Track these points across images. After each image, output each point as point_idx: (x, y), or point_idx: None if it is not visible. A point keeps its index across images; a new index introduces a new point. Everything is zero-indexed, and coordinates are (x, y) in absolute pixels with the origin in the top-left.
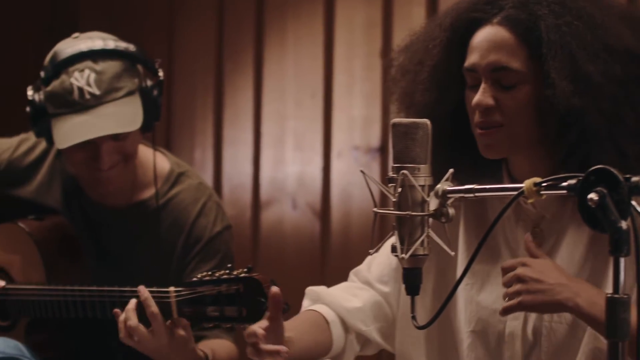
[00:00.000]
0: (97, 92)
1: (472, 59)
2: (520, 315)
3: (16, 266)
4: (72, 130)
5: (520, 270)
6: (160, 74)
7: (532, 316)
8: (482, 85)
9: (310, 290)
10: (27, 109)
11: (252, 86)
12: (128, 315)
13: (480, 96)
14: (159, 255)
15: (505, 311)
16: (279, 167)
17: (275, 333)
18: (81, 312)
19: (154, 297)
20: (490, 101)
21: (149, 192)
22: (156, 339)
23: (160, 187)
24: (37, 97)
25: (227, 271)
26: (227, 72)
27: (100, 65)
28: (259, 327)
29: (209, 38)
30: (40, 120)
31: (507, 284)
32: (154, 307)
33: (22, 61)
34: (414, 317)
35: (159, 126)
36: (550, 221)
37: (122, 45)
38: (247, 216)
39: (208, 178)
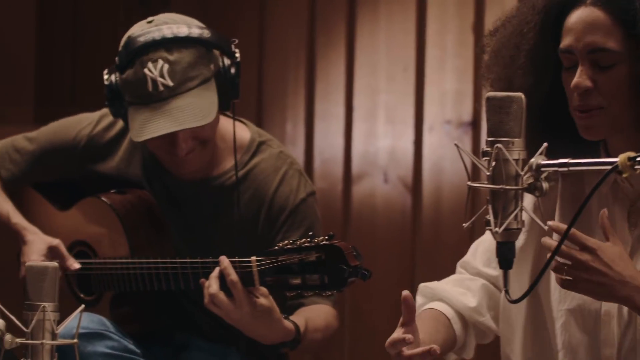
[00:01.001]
0: (170, 83)
1: (567, 40)
2: None
3: (100, 240)
4: (147, 124)
5: (586, 258)
6: (237, 54)
7: None
8: (580, 68)
9: (424, 287)
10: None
11: (344, 60)
12: (210, 282)
13: (579, 78)
14: (241, 227)
15: (562, 285)
16: (371, 140)
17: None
18: (165, 285)
19: (235, 267)
20: (588, 83)
21: (230, 164)
22: (238, 308)
23: (241, 158)
24: (112, 81)
25: (309, 239)
26: (320, 46)
27: (174, 55)
28: (399, 334)
29: (302, 12)
30: (117, 103)
31: (572, 266)
32: (233, 276)
33: (113, 32)
34: (506, 292)
35: (250, 100)
36: None
37: (196, 31)
38: (339, 190)
39: (299, 152)
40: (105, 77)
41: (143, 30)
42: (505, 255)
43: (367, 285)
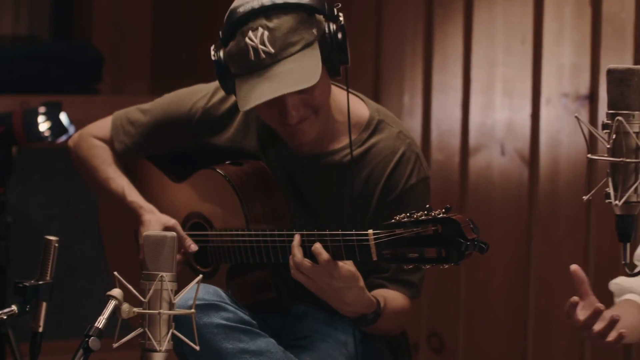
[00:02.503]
0: (271, 50)
1: None
2: None
3: (216, 212)
4: (251, 92)
5: None
6: (341, 18)
7: None
8: None
9: (613, 284)
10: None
11: (461, 32)
12: (294, 251)
13: None
14: (355, 205)
15: None
16: (488, 113)
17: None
18: (281, 257)
19: (352, 240)
20: None
21: (347, 140)
22: (322, 275)
23: (359, 135)
24: (219, 56)
25: (425, 212)
26: (437, 19)
27: (274, 22)
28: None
29: None
30: (226, 78)
31: None
32: (317, 244)
33: (229, 3)
34: (626, 265)
35: (368, 72)
36: None
37: None
38: (456, 162)
39: (417, 124)
40: (213, 53)
41: (243, 1)
42: (625, 228)
43: (483, 258)
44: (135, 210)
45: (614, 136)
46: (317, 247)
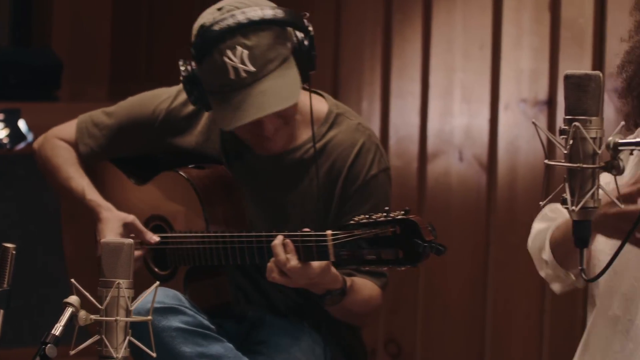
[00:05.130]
0: (252, 69)
1: None
2: None
3: (177, 215)
4: (233, 112)
5: None
6: (310, 28)
7: None
8: None
9: (544, 214)
10: (181, 78)
11: (420, 38)
12: (276, 251)
13: None
14: (317, 199)
15: None
16: (446, 118)
17: None
18: (240, 259)
19: (311, 241)
20: None
21: (307, 136)
22: (303, 274)
23: (319, 129)
24: (190, 71)
25: (384, 214)
26: (396, 24)
27: (252, 40)
28: None
29: None
30: (196, 93)
31: None
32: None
33: (188, 8)
34: (582, 270)
35: (326, 77)
36: None
37: (269, 12)
38: (414, 168)
39: (375, 129)
40: (182, 68)
41: (215, 18)
42: (581, 233)
43: (441, 263)
44: (93, 208)
45: (571, 142)
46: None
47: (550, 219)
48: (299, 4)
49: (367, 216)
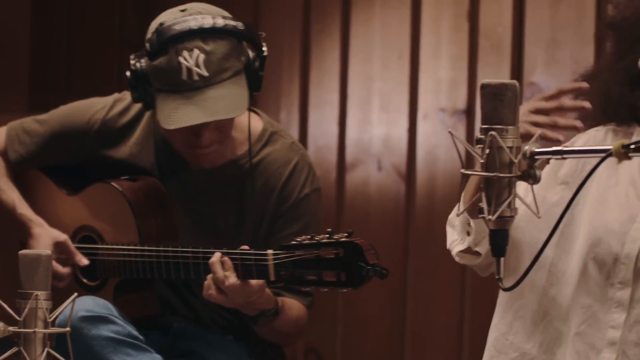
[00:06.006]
0: (205, 73)
1: None
2: (638, 238)
3: (108, 226)
4: (178, 112)
5: None
6: (265, 49)
7: None
8: None
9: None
10: (128, 74)
11: (338, 47)
12: (214, 268)
13: None
14: (250, 215)
15: None
16: (365, 128)
17: None
18: (173, 273)
19: (251, 259)
20: None
21: (241, 152)
22: (239, 292)
23: (253, 146)
24: (140, 66)
25: (327, 235)
26: (314, 34)
27: (210, 45)
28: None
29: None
30: (141, 89)
31: None
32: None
33: (109, 20)
34: (500, 280)
35: None
36: None
37: (232, 23)
38: (332, 178)
39: None
40: (132, 62)
41: (177, 18)
42: (498, 243)
43: None
44: (24, 223)
45: (487, 151)
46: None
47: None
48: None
49: (310, 237)
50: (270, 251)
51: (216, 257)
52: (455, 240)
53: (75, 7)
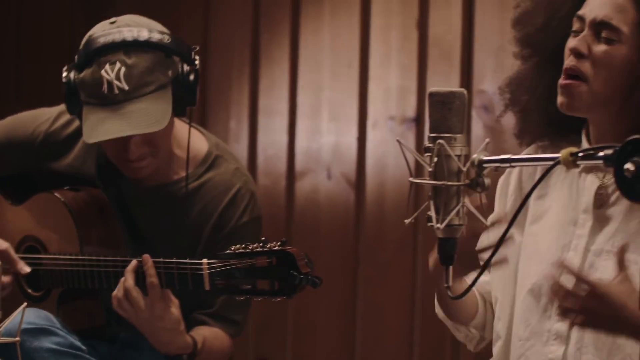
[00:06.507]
0: (126, 87)
1: (583, 8)
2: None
3: (51, 236)
4: (98, 126)
5: (594, 305)
6: (197, 62)
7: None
8: (583, 34)
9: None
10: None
11: (288, 56)
12: (126, 276)
13: (578, 41)
14: (187, 237)
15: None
16: (314, 137)
17: None
18: (114, 283)
19: (186, 269)
20: (584, 49)
21: (184, 173)
22: (149, 310)
23: (196, 169)
24: (71, 78)
25: (261, 244)
26: (263, 43)
27: (132, 59)
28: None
29: (246, 8)
30: (73, 101)
31: (582, 312)
32: (154, 278)
33: (57, 29)
34: (448, 288)
35: None
36: None
37: (157, 36)
38: (282, 186)
39: (243, 148)
40: (64, 74)
41: (104, 30)
42: (447, 251)
43: None
44: None
45: (435, 159)
46: (155, 282)
47: None
48: (166, 23)
49: (244, 246)
50: (204, 260)
51: (131, 265)
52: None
53: (24, 16)
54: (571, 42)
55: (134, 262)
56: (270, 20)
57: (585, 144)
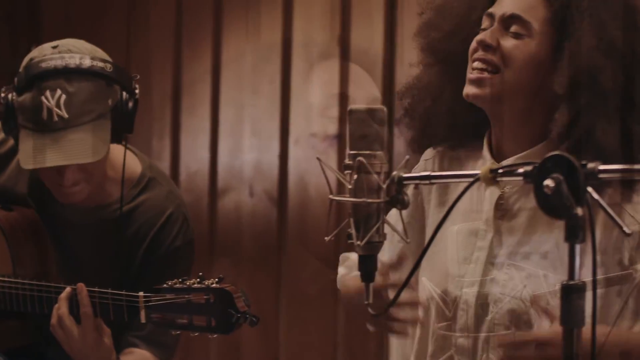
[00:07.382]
0: (65, 115)
1: (494, 7)
2: (475, 282)
3: None
4: (36, 153)
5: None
6: (137, 91)
7: (484, 287)
8: (491, 28)
9: (345, 256)
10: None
11: (209, 74)
12: (60, 303)
13: (486, 34)
14: (120, 259)
15: None
16: (236, 154)
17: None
18: (46, 308)
19: (122, 300)
20: (493, 41)
21: (118, 195)
22: (81, 338)
23: (129, 191)
24: (9, 99)
25: (199, 280)
26: (185, 60)
27: (74, 87)
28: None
29: (167, 26)
30: (10, 122)
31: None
32: (88, 308)
33: None
34: (368, 305)
35: None
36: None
37: (99, 64)
38: (204, 203)
39: (165, 166)
40: (2, 95)
41: (46, 55)
42: (367, 268)
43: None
44: None
45: (355, 177)
46: (89, 312)
47: (350, 266)
48: (89, 38)
49: (181, 280)
50: (141, 293)
51: (65, 292)
52: None
53: None
54: (478, 36)
55: (67, 290)
56: (192, 37)
57: (486, 151)
